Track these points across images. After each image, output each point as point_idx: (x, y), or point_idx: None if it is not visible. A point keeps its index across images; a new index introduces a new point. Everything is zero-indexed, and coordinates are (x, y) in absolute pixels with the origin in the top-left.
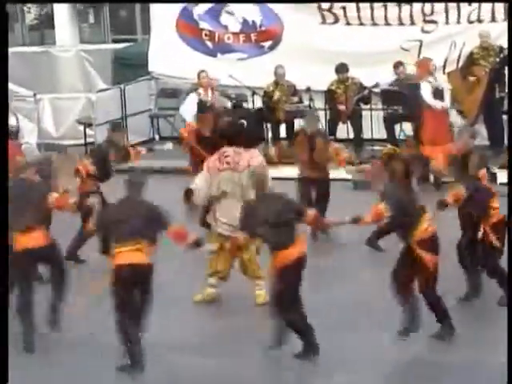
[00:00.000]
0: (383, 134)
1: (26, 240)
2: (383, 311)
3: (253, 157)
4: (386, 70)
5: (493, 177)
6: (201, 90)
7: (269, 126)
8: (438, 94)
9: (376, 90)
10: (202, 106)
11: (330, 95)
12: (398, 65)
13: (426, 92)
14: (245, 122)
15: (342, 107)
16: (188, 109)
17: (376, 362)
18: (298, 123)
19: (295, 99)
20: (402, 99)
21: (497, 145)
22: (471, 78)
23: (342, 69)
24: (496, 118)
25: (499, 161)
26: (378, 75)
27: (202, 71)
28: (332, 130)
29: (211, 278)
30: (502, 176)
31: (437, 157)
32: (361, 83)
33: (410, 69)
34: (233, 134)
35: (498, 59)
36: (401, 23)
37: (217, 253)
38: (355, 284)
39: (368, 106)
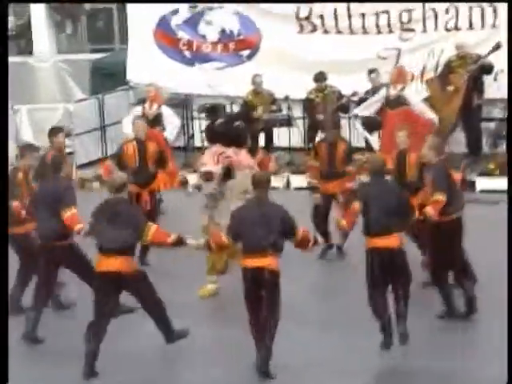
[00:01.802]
0: (362, 143)
1: None
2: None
3: (248, 157)
4: (364, 78)
5: (471, 184)
6: (146, 104)
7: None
8: (394, 102)
9: (354, 98)
10: (145, 120)
11: (308, 104)
12: (369, 72)
13: (377, 98)
14: (241, 124)
15: (320, 117)
16: (129, 121)
17: (360, 371)
18: (277, 132)
19: (274, 108)
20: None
21: (475, 152)
22: (449, 87)
23: (320, 77)
24: (474, 126)
25: (478, 168)
26: (356, 83)
27: (150, 84)
28: (311, 138)
29: (210, 276)
30: (481, 183)
31: None
32: (339, 91)
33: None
34: (233, 135)
35: (475, 67)
36: (378, 31)
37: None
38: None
39: (346, 115)
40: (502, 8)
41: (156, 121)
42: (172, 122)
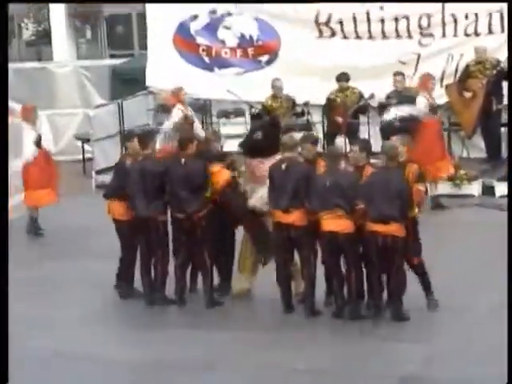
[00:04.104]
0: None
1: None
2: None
3: None
4: (384, 83)
5: (490, 190)
6: (180, 106)
7: None
8: (431, 111)
9: (372, 101)
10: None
11: (329, 104)
12: (397, 73)
13: (420, 106)
14: (260, 134)
15: (339, 119)
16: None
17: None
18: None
19: (297, 110)
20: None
21: (494, 158)
22: (467, 93)
23: (342, 77)
24: (493, 131)
25: (497, 173)
26: (375, 88)
27: (181, 88)
28: (329, 142)
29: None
30: (501, 189)
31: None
32: (360, 92)
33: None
34: (253, 148)
35: (494, 72)
36: (398, 36)
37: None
38: None
39: (366, 120)
40: None
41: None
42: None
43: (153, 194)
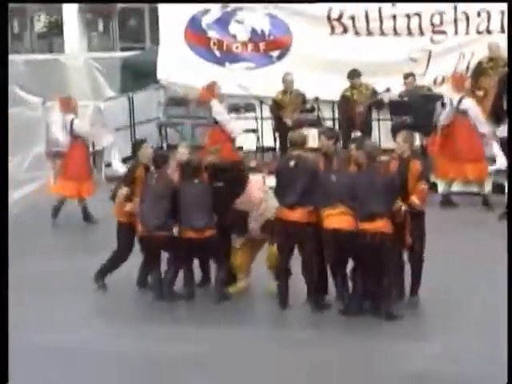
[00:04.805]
0: (391, 144)
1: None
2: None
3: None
4: (395, 80)
5: (501, 188)
6: (216, 101)
7: (276, 134)
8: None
9: (387, 94)
10: None
11: (343, 101)
12: (407, 76)
13: (475, 109)
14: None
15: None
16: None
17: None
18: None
19: (307, 107)
20: (410, 109)
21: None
22: (479, 92)
23: (354, 74)
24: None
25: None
26: (387, 85)
27: (215, 83)
28: (345, 138)
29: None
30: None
31: (470, 173)
32: (373, 88)
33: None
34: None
35: (506, 69)
36: (410, 33)
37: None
38: None
39: (376, 117)
40: None
41: None
42: None
43: (165, 212)
